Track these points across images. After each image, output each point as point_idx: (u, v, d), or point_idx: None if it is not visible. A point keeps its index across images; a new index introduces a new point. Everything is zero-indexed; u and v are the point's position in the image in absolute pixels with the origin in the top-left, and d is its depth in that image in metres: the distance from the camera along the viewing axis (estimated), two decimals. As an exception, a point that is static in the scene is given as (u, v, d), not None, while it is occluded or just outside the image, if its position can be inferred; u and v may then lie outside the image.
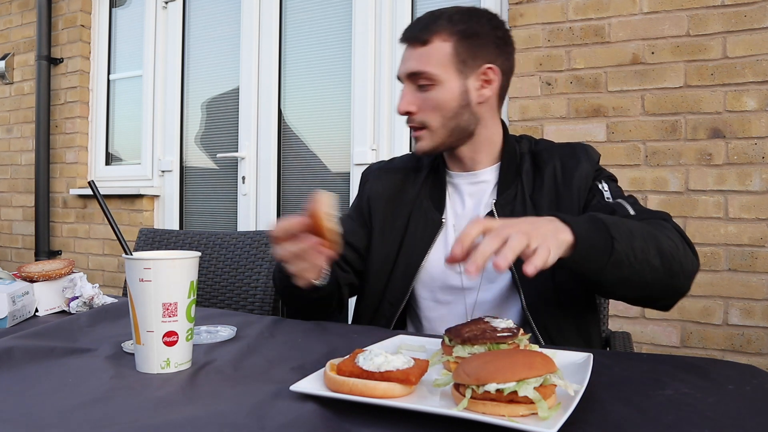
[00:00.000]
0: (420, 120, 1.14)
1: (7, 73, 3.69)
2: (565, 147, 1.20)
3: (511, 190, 1.16)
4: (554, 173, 1.15)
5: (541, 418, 0.57)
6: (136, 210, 3.34)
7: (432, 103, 1.12)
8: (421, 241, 1.18)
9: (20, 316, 1.09)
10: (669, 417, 0.61)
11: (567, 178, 1.14)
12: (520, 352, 0.66)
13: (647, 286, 0.94)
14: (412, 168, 1.28)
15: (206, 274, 1.74)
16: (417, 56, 1.12)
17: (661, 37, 2.14)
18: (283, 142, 3.05)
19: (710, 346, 2.06)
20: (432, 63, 1.11)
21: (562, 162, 1.16)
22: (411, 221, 1.20)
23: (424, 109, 1.13)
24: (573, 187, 1.13)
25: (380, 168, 1.32)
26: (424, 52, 1.11)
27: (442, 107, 1.12)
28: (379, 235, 1.23)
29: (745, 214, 2.02)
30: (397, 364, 0.66)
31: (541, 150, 1.20)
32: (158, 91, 3.37)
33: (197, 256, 0.83)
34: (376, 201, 1.25)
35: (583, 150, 1.18)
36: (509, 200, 1.15)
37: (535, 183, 1.16)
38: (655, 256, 0.90)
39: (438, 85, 1.11)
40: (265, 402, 0.65)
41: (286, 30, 3.05)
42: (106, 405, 0.65)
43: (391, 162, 1.33)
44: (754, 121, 2.01)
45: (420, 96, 1.13)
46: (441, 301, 1.18)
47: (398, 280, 1.18)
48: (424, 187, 1.23)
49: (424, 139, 1.15)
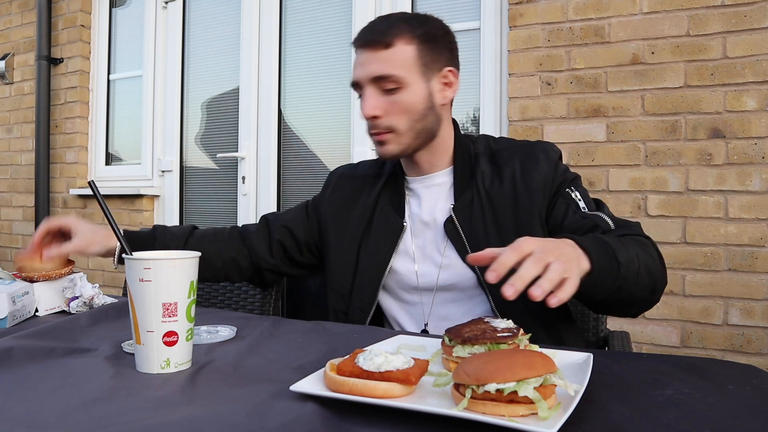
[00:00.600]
0: (387, 124, 1.12)
1: (7, 73, 3.69)
2: (524, 146, 1.19)
3: (468, 193, 1.16)
4: (513, 174, 1.15)
5: (541, 418, 0.57)
6: (136, 210, 3.34)
7: (399, 106, 1.11)
8: (384, 245, 1.19)
9: (20, 316, 1.09)
10: (669, 417, 0.61)
11: (527, 179, 1.14)
12: (520, 352, 0.66)
13: (632, 303, 0.98)
14: (372, 175, 1.29)
15: (206, 274, 1.74)
16: (380, 59, 1.10)
17: (661, 37, 2.14)
18: (283, 142, 3.05)
19: (710, 346, 2.06)
20: (397, 66, 1.09)
21: (522, 162, 1.15)
22: (372, 227, 1.22)
23: (391, 113, 1.11)
24: (532, 189, 1.13)
25: (344, 174, 1.34)
26: (388, 55, 1.10)
27: (410, 110, 1.11)
28: (336, 240, 1.26)
29: (745, 214, 2.02)
30: (397, 364, 0.66)
31: (500, 149, 1.20)
32: (158, 91, 3.37)
33: (197, 256, 0.83)
34: (330, 208, 1.29)
35: (542, 149, 1.17)
36: (467, 204, 1.16)
37: (493, 183, 1.16)
38: (645, 276, 0.94)
39: (404, 88, 1.10)
40: (265, 402, 0.65)
41: (286, 30, 3.05)
42: (106, 405, 0.65)
43: (356, 168, 1.35)
44: (754, 121, 2.01)
45: (385, 100, 1.11)
46: (408, 302, 1.20)
47: (365, 286, 1.21)
48: (383, 194, 1.24)
49: (390, 143, 1.13)
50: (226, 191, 3.20)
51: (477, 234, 1.14)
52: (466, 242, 1.13)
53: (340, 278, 1.24)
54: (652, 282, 0.96)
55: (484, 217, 1.14)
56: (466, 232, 1.14)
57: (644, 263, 0.93)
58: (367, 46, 1.11)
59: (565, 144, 2.25)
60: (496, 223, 1.13)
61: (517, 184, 1.14)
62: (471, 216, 1.14)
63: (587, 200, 1.13)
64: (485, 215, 1.14)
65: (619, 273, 0.88)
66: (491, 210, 1.14)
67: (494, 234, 1.13)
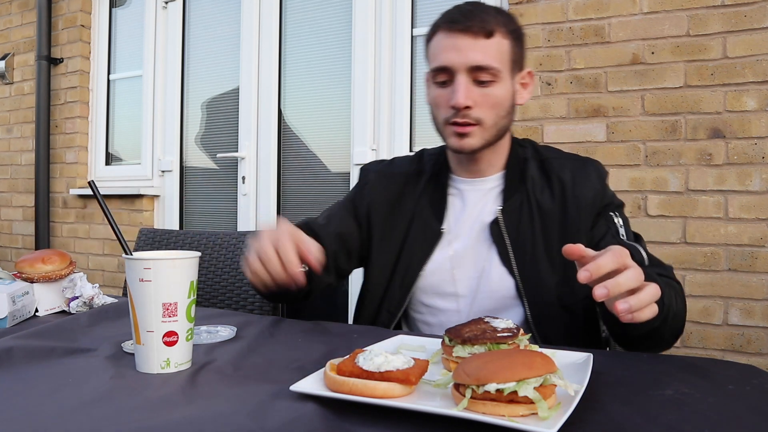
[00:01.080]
0: (476, 116, 1.07)
1: (7, 73, 3.69)
2: (575, 160, 1.19)
3: (517, 198, 1.14)
4: (563, 185, 1.14)
5: (541, 418, 0.57)
6: (136, 210, 3.34)
7: (491, 100, 1.07)
8: (420, 250, 1.16)
9: (20, 316, 1.09)
10: (669, 417, 0.61)
11: (577, 193, 1.13)
12: (520, 352, 0.66)
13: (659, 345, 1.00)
14: (413, 172, 1.24)
15: (206, 274, 1.74)
16: (481, 48, 1.05)
17: (661, 37, 2.14)
18: (283, 142, 3.05)
19: (710, 346, 2.06)
20: (497, 58, 1.06)
21: (573, 175, 1.15)
22: (411, 230, 1.18)
23: (481, 105, 1.07)
24: (581, 204, 1.12)
25: (380, 171, 1.27)
26: (489, 45, 1.06)
27: (499, 105, 1.09)
28: (379, 245, 1.21)
29: (745, 214, 2.02)
30: (397, 364, 0.66)
31: (550, 158, 1.19)
32: (158, 91, 3.37)
33: (197, 256, 0.83)
34: (376, 209, 1.22)
35: (594, 167, 1.18)
36: (516, 207, 1.14)
37: (543, 191, 1.15)
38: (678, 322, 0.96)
39: (498, 82, 1.07)
40: (265, 402, 0.65)
41: (286, 30, 3.05)
42: (106, 405, 0.65)
43: (392, 165, 1.28)
44: (754, 121, 2.01)
45: (478, 91, 1.07)
46: (440, 308, 1.17)
47: (396, 288, 1.17)
48: (424, 194, 1.20)
49: (474, 136, 1.09)
50: (226, 191, 3.21)
51: (523, 240, 1.11)
52: (509, 247, 1.11)
53: (376, 281, 1.20)
54: (679, 329, 0.98)
55: (532, 223, 1.12)
56: (511, 237, 1.11)
57: (678, 309, 0.95)
58: (467, 31, 1.05)
59: (565, 144, 2.25)
60: (543, 231, 1.12)
61: (568, 196, 1.13)
62: (519, 220, 1.12)
63: (627, 229, 1.13)
64: (533, 222, 1.12)
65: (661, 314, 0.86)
66: (540, 218, 1.12)
67: (540, 242, 1.11)
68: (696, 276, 2.07)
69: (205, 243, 1.78)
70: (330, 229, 1.19)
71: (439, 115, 1.12)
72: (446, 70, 1.08)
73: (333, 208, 1.26)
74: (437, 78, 1.10)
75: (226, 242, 1.76)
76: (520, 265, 1.10)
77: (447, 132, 1.12)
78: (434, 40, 1.11)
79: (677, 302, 0.95)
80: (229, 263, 1.73)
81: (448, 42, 1.07)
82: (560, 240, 1.10)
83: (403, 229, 1.19)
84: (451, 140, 1.12)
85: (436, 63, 1.09)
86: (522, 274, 1.10)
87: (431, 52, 1.12)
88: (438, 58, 1.09)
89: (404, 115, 2.70)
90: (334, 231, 1.19)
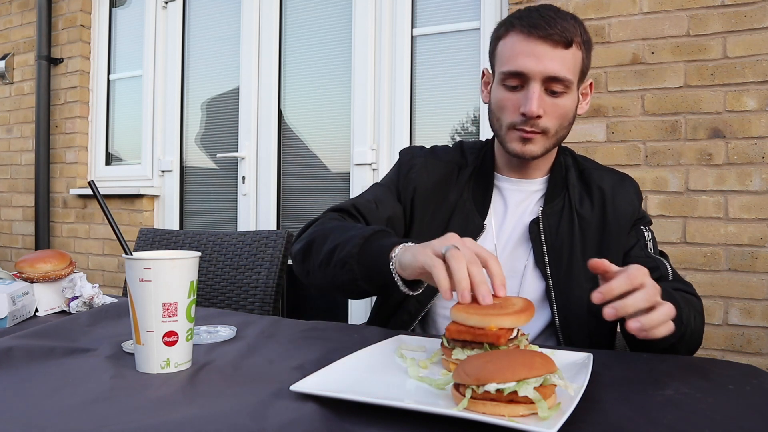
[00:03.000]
0: (544, 125, 1.07)
1: (7, 73, 3.69)
2: (614, 173, 1.21)
3: (558, 202, 1.15)
4: (603, 195, 1.14)
5: (541, 418, 0.57)
6: (136, 210, 3.34)
7: (559, 110, 1.07)
8: None
9: (20, 316, 1.09)
10: (669, 417, 0.61)
11: (616, 204, 1.14)
12: (520, 352, 0.66)
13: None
14: (457, 163, 1.21)
15: (206, 274, 1.75)
16: (560, 59, 1.03)
17: (661, 37, 2.14)
18: (283, 142, 3.05)
19: (710, 346, 2.06)
20: (572, 70, 1.05)
21: (613, 187, 1.16)
22: (452, 221, 1.15)
23: (550, 115, 1.06)
24: (620, 216, 1.13)
25: (427, 156, 1.22)
26: (567, 56, 1.04)
27: (565, 116, 1.09)
28: (418, 231, 1.17)
29: (745, 214, 2.02)
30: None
31: (589, 168, 1.20)
32: (158, 91, 3.37)
33: (197, 256, 0.83)
34: (421, 194, 1.18)
35: (632, 183, 1.20)
36: (556, 211, 1.14)
37: (582, 199, 1.15)
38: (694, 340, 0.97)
39: (568, 94, 1.07)
40: (265, 402, 0.65)
41: (286, 30, 3.05)
42: (106, 405, 0.65)
43: (434, 151, 1.24)
44: (754, 121, 2.01)
45: (549, 101, 1.06)
46: None
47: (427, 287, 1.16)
48: (468, 187, 1.18)
49: (536, 143, 1.09)
50: (226, 191, 3.21)
51: (560, 244, 1.11)
52: (545, 250, 1.11)
53: None
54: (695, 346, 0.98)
55: (572, 229, 1.12)
56: (548, 240, 1.11)
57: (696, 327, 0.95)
58: (548, 39, 1.02)
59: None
60: (582, 238, 1.12)
61: (608, 207, 1.13)
62: (558, 224, 1.12)
63: (654, 245, 1.15)
64: (573, 227, 1.12)
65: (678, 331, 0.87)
66: (579, 224, 1.13)
67: (578, 248, 1.11)
68: (696, 276, 2.07)
69: (205, 243, 1.78)
70: (380, 214, 1.15)
71: (504, 117, 1.10)
72: (521, 76, 1.05)
73: (376, 191, 1.20)
74: (508, 81, 1.07)
75: (226, 242, 1.76)
76: (553, 269, 1.10)
77: (510, 136, 1.10)
78: (508, 40, 1.07)
79: (695, 320, 0.96)
80: (229, 263, 1.73)
81: (526, 47, 1.04)
82: (597, 248, 1.11)
83: (444, 219, 1.16)
84: (513, 144, 1.10)
85: (511, 66, 1.06)
86: (554, 278, 1.10)
87: (504, 52, 1.08)
88: (513, 61, 1.05)
89: (404, 115, 2.70)
90: (384, 215, 1.15)
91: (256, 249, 1.70)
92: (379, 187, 1.22)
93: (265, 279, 1.63)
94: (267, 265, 1.65)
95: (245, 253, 1.71)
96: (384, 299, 1.20)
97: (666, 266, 1.09)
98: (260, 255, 1.68)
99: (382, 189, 1.21)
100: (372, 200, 1.17)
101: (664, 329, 0.77)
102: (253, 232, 1.75)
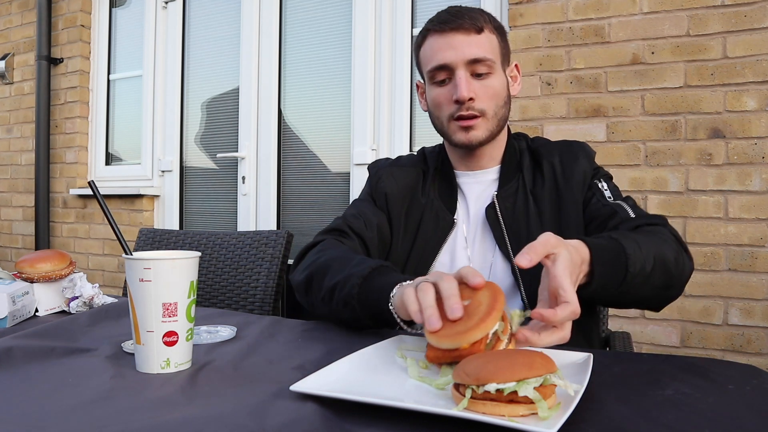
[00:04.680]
0: (479, 107, 1.12)
1: (7, 73, 3.69)
2: (562, 144, 1.22)
3: (512, 184, 1.18)
4: (553, 168, 1.18)
5: (541, 418, 0.57)
6: (136, 210, 3.34)
7: (490, 91, 1.13)
8: (432, 241, 1.18)
9: (20, 316, 1.09)
10: (669, 417, 0.61)
11: (567, 173, 1.17)
12: (520, 352, 0.66)
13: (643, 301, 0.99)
14: (421, 167, 1.27)
15: (206, 274, 1.74)
16: (475, 43, 1.11)
17: (661, 37, 2.14)
18: (283, 142, 3.05)
19: (710, 346, 2.06)
20: (490, 51, 1.12)
21: (561, 158, 1.18)
22: (423, 221, 1.20)
23: (482, 97, 1.12)
24: (573, 183, 1.16)
25: (391, 165, 1.29)
26: (481, 39, 1.12)
27: (497, 95, 1.14)
28: (395, 236, 1.22)
29: (745, 214, 2.02)
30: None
31: (538, 147, 1.22)
32: (158, 91, 3.37)
33: (197, 256, 0.83)
34: (392, 198, 1.24)
35: (580, 147, 1.21)
36: (510, 193, 1.17)
37: (535, 178, 1.19)
38: (658, 277, 0.93)
39: (493, 74, 1.13)
40: (265, 402, 0.65)
41: (286, 30, 3.05)
42: (106, 405, 0.65)
43: (399, 160, 1.31)
44: (754, 121, 2.01)
45: (477, 83, 1.12)
46: None
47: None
48: (433, 187, 1.24)
49: (479, 128, 1.14)
50: (226, 191, 3.21)
51: (518, 224, 1.14)
52: (505, 232, 1.14)
53: None
54: (667, 279, 0.95)
55: (527, 208, 1.15)
56: (506, 222, 1.14)
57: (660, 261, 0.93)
58: (459, 29, 1.11)
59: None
60: (539, 215, 1.15)
61: (558, 178, 1.16)
62: (514, 206, 1.16)
63: (615, 193, 1.16)
64: (528, 207, 1.15)
65: (624, 280, 0.88)
66: (534, 203, 1.16)
67: (536, 226, 1.13)
68: (696, 276, 2.07)
69: (205, 243, 1.78)
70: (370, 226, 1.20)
71: (442, 113, 1.16)
72: (445, 68, 1.12)
73: (359, 207, 1.26)
74: (436, 77, 1.14)
75: (226, 242, 1.76)
76: (515, 249, 1.11)
77: (452, 128, 1.15)
78: (426, 44, 1.16)
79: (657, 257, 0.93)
80: (229, 263, 1.73)
81: (443, 41, 1.12)
82: (555, 222, 1.13)
83: (416, 220, 1.21)
84: (458, 135, 1.15)
85: (434, 63, 1.13)
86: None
87: (425, 55, 1.16)
88: (434, 58, 1.13)
89: (404, 115, 2.70)
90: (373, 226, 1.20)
91: (256, 249, 1.70)
92: (360, 201, 1.29)
93: (265, 279, 1.63)
94: (267, 265, 1.65)
95: (245, 253, 1.71)
96: None
97: (624, 208, 1.10)
98: (260, 255, 1.68)
99: (363, 203, 1.27)
100: (358, 215, 1.22)
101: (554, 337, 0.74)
102: (253, 232, 1.75)
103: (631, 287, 0.90)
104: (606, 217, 1.10)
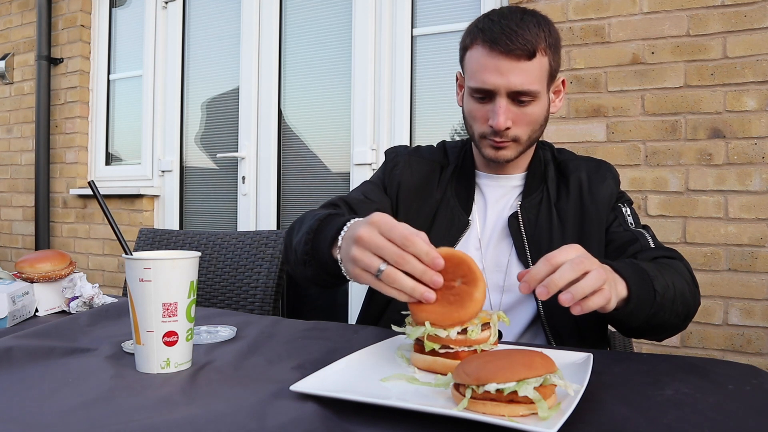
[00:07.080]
0: (513, 135, 1.09)
1: (7, 73, 3.69)
2: (590, 161, 1.21)
3: (536, 195, 1.17)
4: (580, 184, 1.16)
5: (541, 418, 0.57)
6: (136, 210, 3.34)
7: (528, 118, 1.09)
8: (444, 239, 1.15)
9: (20, 316, 1.09)
10: (669, 417, 0.61)
11: (593, 191, 1.15)
12: (520, 352, 0.66)
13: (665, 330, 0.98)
14: (440, 162, 1.24)
15: (206, 274, 1.75)
16: (523, 71, 1.03)
17: (661, 37, 2.14)
18: (283, 142, 3.05)
19: (710, 346, 2.06)
20: (537, 80, 1.05)
21: (589, 175, 1.17)
22: (437, 218, 1.18)
23: (519, 124, 1.08)
24: (598, 202, 1.14)
25: (411, 154, 1.25)
26: (530, 67, 1.04)
27: (535, 122, 1.10)
28: None
29: (745, 214, 2.02)
30: None
31: (565, 160, 1.21)
32: (158, 91, 3.37)
33: (197, 256, 0.83)
34: (405, 190, 1.20)
35: (608, 168, 1.20)
36: (534, 204, 1.16)
37: (560, 191, 1.17)
38: (680, 304, 0.94)
39: (536, 101, 1.08)
40: (265, 402, 0.65)
41: (286, 30, 3.05)
42: (106, 405, 0.65)
43: (419, 151, 1.27)
44: (754, 121, 2.01)
45: (516, 111, 1.07)
46: None
47: None
48: (450, 184, 1.21)
49: (509, 149, 1.11)
50: (226, 191, 3.21)
51: (539, 236, 1.12)
52: (526, 243, 1.12)
53: None
54: (685, 310, 0.96)
55: (550, 220, 1.14)
56: (528, 232, 1.13)
57: (680, 291, 0.94)
58: (510, 54, 1.03)
59: (565, 144, 2.25)
60: (561, 229, 1.13)
61: (584, 195, 1.15)
62: (537, 217, 1.14)
63: (635, 219, 1.16)
64: (551, 219, 1.14)
65: (655, 301, 0.87)
66: (557, 216, 1.14)
67: (557, 239, 1.11)
68: (696, 276, 2.07)
69: (205, 243, 1.78)
70: (369, 205, 1.16)
71: (475, 127, 1.12)
72: (486, 91, 1.07)
73: (364, 187, 1.22)
74: (475, 94, 1.09)
75: (226, 242, 1.76)
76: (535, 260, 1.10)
77: (482, 143, 1.13)
78: (473, 54, 1.08)
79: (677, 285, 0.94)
80: (229, 263, 1.73)
81: (489, 62, 1.04)
82: (577, 237, 1.12)
83: (429, 216, 1.18)
84: (487, 151, 1.13)
85: (477, 83, 1.07)
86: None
87: (470, 65, 1.10)
88: (478, 77, 1.07)
89: (404, 115, 2.70)
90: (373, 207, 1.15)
91: (256, 249, 1.70)
92: (368, 183, 1.25)
93: (265, 279, 1.63)
94: (267, 265, 1.66)
95: (245, 253, 1.71)
96: (370, 298, 1.22)
97: (645, 237, 1.09)
98: (260, 255, 1.68)
99: (370, 185, 1.24)
100: (361, 193, 1.20)
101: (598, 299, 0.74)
102: (253, 232, 1.75)
103: (660, 309, 0.89)
104: (626, 243, 1.09)
